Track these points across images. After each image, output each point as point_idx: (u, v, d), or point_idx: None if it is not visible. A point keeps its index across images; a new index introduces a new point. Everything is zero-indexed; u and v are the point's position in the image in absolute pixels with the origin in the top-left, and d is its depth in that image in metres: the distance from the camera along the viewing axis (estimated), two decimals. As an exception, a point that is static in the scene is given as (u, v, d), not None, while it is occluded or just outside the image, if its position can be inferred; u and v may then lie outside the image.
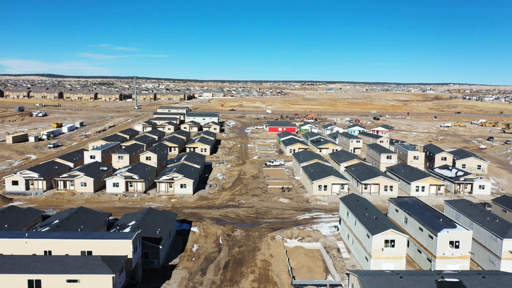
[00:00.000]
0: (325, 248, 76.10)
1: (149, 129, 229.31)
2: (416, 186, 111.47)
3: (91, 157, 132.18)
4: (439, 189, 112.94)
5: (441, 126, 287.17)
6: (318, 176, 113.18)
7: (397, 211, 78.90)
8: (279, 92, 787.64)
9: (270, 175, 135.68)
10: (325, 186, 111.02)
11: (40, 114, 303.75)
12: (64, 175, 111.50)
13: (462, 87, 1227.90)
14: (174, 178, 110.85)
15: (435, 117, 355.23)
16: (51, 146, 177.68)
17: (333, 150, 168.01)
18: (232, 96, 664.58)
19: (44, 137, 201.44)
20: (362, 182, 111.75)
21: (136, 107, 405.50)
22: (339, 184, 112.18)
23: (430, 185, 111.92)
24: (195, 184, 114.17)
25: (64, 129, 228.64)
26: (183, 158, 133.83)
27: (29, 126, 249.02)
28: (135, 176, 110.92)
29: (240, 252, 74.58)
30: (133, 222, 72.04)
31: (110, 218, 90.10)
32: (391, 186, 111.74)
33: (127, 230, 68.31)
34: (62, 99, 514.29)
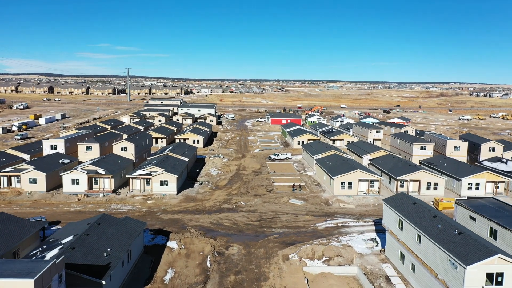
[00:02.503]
0: (365, 275, 50.30)
1: (137, 120, 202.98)
2: (469, 184, 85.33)
3: (52, 147, 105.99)
4: (497, 187, 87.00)
5: (459, 119, 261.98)
6: (339, 171, 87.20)
7: (473, 219, 52.87)
8: (280, 89, 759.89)
9: (275, 170, 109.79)
10: (350, 184, 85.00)
11: (21, 107, 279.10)
12: (8, 169, 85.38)
13: (464, 86, 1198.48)
14: (152, 173, 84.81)
15: (450, 110, 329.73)
16: (19, 137, 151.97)
17: (349, 141, 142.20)
18: (232, 92, 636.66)
19: (15, 128, 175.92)
20: (397, 178, 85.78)
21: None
22: (367, 180, 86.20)
23: (487, 181, 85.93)
24: (180, 180, 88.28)
25: (42, 121, 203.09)
26: (168, 149, 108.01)
27: (5, 118, 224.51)
28: (102, 171, 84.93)
29: (237, 283, 48.61)
30: (70, 238, 46.09)
31: (57, 227, 64.54)
32: (435, 183, 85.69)
33: (56, 251, 42.42)
34: (52, 93, 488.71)
